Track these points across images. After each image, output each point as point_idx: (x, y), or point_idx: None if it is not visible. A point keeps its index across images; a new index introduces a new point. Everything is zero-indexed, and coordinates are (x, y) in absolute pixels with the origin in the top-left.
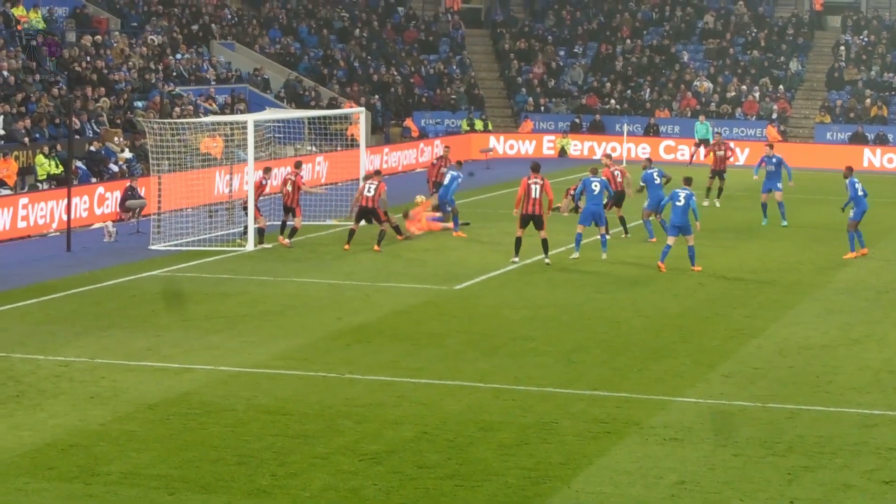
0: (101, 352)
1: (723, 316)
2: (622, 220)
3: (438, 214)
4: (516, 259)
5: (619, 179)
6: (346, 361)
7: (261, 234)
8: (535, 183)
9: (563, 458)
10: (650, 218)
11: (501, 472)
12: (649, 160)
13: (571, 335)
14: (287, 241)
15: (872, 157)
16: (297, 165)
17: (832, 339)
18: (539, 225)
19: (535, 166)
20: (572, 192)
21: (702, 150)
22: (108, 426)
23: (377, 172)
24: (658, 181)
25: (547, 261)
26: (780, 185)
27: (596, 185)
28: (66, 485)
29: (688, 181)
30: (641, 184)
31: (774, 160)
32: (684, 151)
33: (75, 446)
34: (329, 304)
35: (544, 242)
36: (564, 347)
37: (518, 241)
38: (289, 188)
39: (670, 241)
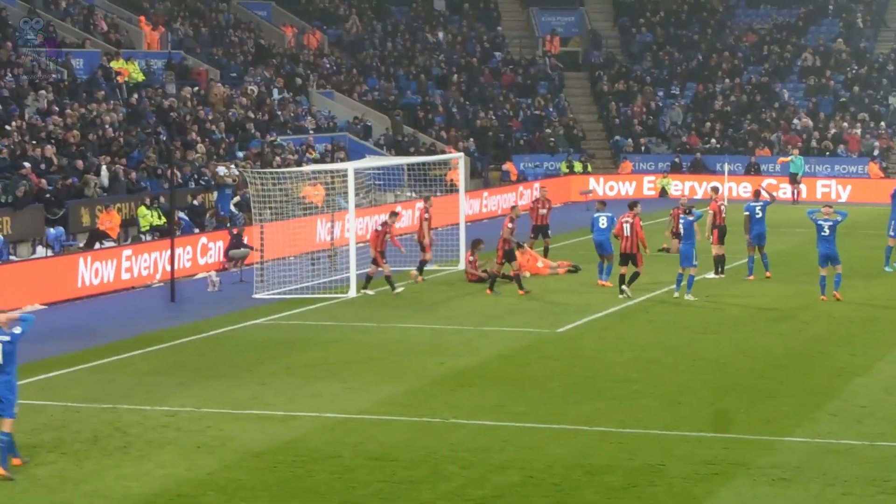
0: (206, 401)
1: (828, 355)
2: (720, 260)
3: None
4: (623, 290)
5: (723, 214)
6: (450, 406)
7: (388, 280)
8: (626, 222)
9: (671, 501)
10: (753, 254)
11: None
12: (757, 192)
13: (676, 377)
14: (419, 277)
15: None
16: (427, 199)
17: None
18: (627, 262)
19: (631, 204)
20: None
21: (801, 187)
22: (215, 475)
23: (512, 208)
24: (759, 215)
25: (623, 288)
26: None
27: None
28: None
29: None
30: (745, 213)
31: None
32: (786, 190)
33: (183, 496)
34: (431, 349)
35: (630, 276)
36: (669, 389)
37: (621, 277)
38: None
39: (822, 272)
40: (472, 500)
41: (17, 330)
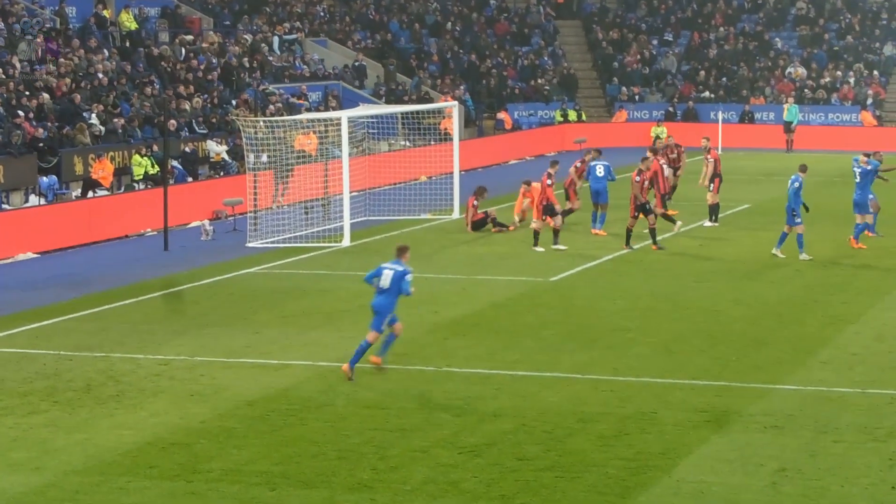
0: (200, 350)
1: (821, 303)
2: (714, 208)
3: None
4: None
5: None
6: (444, 355)
7: (535, 234)
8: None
9: (662, 448)
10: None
11: (601, 462)
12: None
13: (670, 325)
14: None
15: None
16: (553, 164)
17: None
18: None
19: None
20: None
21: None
22: (208, 424)
23: (643, 160)
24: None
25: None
26: None
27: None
28: (168, 483)
29: (867, 155)
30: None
31: None
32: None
33: (176, 444)
34: (426, 298)
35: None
36: (663, 337)
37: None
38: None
39: (857, 219)
40: (464, 447)
41: (409, 277)
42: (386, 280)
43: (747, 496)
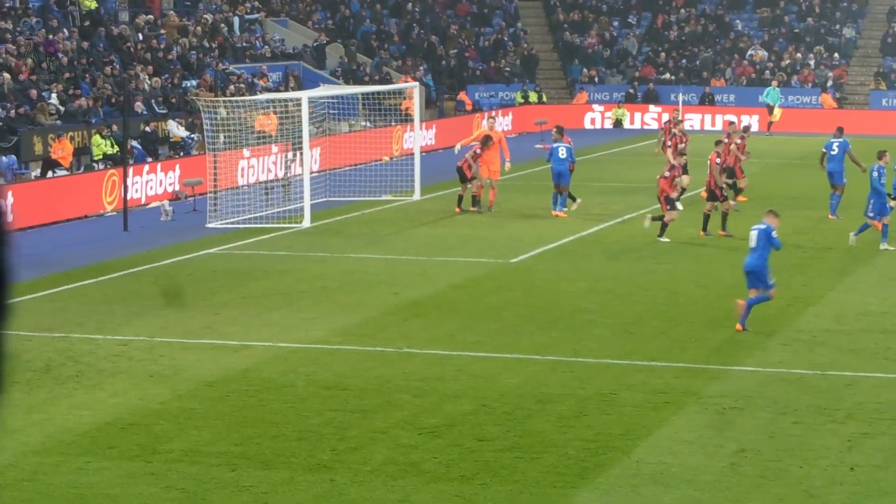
0: (159, 330)
1: (781, 284)
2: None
3: None
4: None
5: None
6: (404, 336)
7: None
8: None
9: (622, 430)
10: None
11: (561, 443)
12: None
13: (629, 307)
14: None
15: None
16: (718, 143)
17: (891, 306)
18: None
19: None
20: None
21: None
22: (167, 404)
23: (717, 142)
24: (835, 152)
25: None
26: None
27: None
28: (127, 463)
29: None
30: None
31: None
32: (743, 120)
33: (135, 425)
34: (386, 280)
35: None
36: (622, 319)
37: None
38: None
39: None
40: (424, 428)
41: (774, 234)
42: (753, 240)
43: (706, 477)
